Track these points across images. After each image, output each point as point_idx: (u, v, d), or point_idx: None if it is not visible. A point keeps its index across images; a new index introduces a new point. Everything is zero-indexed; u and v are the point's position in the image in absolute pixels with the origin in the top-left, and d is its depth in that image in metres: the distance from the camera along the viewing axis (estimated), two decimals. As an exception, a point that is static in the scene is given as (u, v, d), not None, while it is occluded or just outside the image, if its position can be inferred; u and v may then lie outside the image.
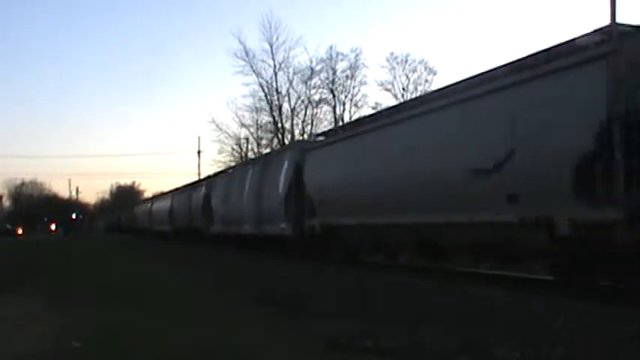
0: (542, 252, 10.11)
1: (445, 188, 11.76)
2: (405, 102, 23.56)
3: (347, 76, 48.10)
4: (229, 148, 52.41)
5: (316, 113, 49.16)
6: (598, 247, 8.90)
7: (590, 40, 9.52)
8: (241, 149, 51.92)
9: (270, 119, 49.29)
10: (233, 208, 26.12)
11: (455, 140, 11.70)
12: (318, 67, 47.69)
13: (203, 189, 33.49)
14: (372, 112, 32.32)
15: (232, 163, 46.86)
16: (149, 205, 57.21)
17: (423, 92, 46.54)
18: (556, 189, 9.27)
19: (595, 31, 9.49)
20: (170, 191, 48.51)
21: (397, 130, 14.20)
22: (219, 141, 52.15)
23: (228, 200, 27.20)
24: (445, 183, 11.77)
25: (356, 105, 48.63)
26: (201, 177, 46.34)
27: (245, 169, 27.00)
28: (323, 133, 22.40)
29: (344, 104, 48.57)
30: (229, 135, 51.63)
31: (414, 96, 46.37)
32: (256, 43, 63.62)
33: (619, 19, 10.05)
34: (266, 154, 32.01)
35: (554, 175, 9.27)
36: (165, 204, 46.32)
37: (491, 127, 10.79)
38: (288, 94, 48.48)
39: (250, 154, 49.52)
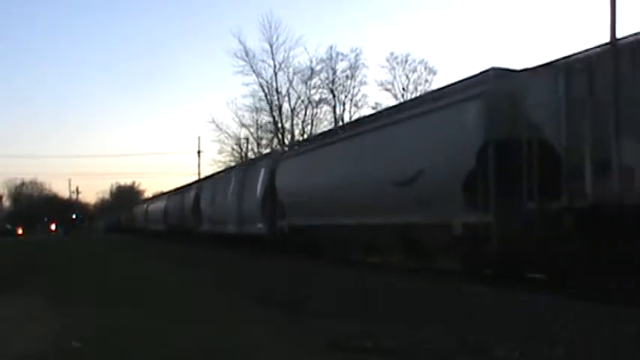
0: (446, 248, 12.36)
1: (379, 196, 14.10)
2: (350, 122, 27.58)
3: (347, 76, 48.11)
4: (229, 148, 52.42)
5: (316, 113, 49.20)
6: (481, 243, 11.18)
7: (473, 81, 12.34)
8: (241, 149, 51.91)
9: (270, 119, 49.30)
10: (219, 210, 28.40)
11: (383, 158, 14.20)
12: (318, 67, 47.71)
13: (193, 191, 35.98)
14: (371, 112, 34.12)
15: (232, 163, 46.86)
16: (146, 205, 59.59)
17: (422, 92, 46.60)
18: (452, 199, 11.61)
19: (478, 73, 12.25)
20: (164, 193, 51.16)
21: (343, 147, 16.87)
22: (219, 141, 52.16)
23: (214, 202, 29.45)
24: (378, 192, 14.10)
25: (356, 105, 48.67)
26: (201, 177, 47.04)
27: (229, 174, 29.47)
28: (292, 145, 25.73)
29: (344, 104, 48.61)
30: (229, 135, 51.64)
31: (414, 96, 46.43)
32: (256, 43, 63.54)
33: (619, 19, 10.16)
34: (246, 161, 34.18)
35: (450, 188, 11.60)
36: (160, 205, 49.05)
37: (407, 148, 13.29)
38: (288, 94, 48.52)
39: (250, 154, 49.48)
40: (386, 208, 13.70)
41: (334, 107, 48.66)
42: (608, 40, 9.77)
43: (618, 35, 9.68)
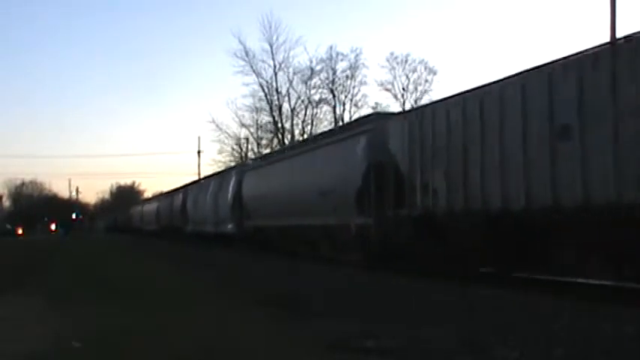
0: (349, 243, 16.69)
1: (309, 204, 18.58)
2: (290, 145, 34.08)
3: (347, 76, 48.19)
4: (229, 148, 52.50)
5: (316, 113, 49.26)
6: (367, 239, 15.62)
7: (364, 120, 19.68)
8: (241, 149, 51.95)
9: (270, 119, 49.33)
10: (200, 212, 32.96)
11: (311, 175, 19.04)
12: (318, 67, 47.81)
13: (181, 195, 40.18)
14: (370, 112, 33.78)
15: (232, 163, 46.93)
16: (141, 207, 64.44)
17: (422, 92, 46.60)
18: (350, 207, 16.13)
19: (367, 115, 19.47)
20: (157, 196, 57.68)
21: (286, 164, 22.28)
22: (219, 141, 52.24)
23: (197, 205, 33.95)
24: (309, 201, 18.63)
25: (356, 105, 48.76)
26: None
27: (209, 181, 34.82)
28: (255, 159, 32.88)
29: (344, 104, 48.71)
30: (229, 135, 51.70)
31: (414, 96, 46.49)
32: (256, 43, 63.50)
33: (619, 19, 10.32)
34: (221, 172, 38.41)
35: (350, 199, 16.08)
36: (153, 207, 54.12)
37: (324, 168, 18.27)
38: (288, 94, 48.59)
39: (250, 154, 49.54)
40: (314, 212, 18.20)
41: (334, 107, 48.76)
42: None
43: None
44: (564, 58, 10.16)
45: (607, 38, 10.17)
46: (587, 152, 9.35)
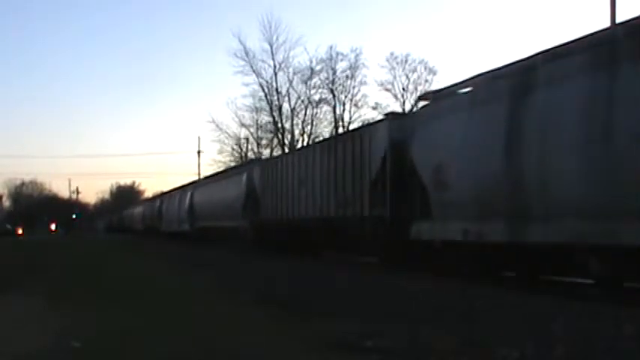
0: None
1: (232, 209, 28.06)
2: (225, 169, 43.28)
3: (347, 76, 48.17)
4: (229, 148, 52.58)
5: (316, 113, 49.27)
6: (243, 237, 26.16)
7: (252, 161, 34.11)
8: (241, 149, 52.01)
9: (270, 119, 49.35)
10: (170, 215, 44.73)
11: (231, 190, 28.87)
12: (318, 67, 47.82)
13: (158, 201, 53.12)
14: (370, 112, 33.79)
15: (232, 163, 47.01)
16: (132, 210, 74.26)
17: (422, 92, 46.54)
18: (238, 214, 27.17)
19: (249, 161, 36.37)
20: (143, 201, 70.81)
21: (214, 183, 34.30)
22: (219, 141, 52.34)
23: (168, 210, 45.80)
24: (223, 210, 29.57)
25: (356, 105, 48.76)
26: (201, 177, 47.95)
27: (176, 193, 45.62)
28: (204, 177, 45.05)
29: (344, 104, 48.72)
30: (229, 135, 51.78)
31: (414, 96, 46.43)
32: (256, 43, 63.61)
33: (619, 18, 10.39)
34: (183, 185, 46.94)
35: (237, 209, 27.53)
36: (140, 210, 65.18)
37: (226, 190, 29.86)
38: (288, 94, 48.60)
39: (250, 154, 49.61)
40: (228, 217, 28.56)
41: (334, 107, 48.76)
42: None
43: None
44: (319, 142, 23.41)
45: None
46: (308, 196, 20.17)
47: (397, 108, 44.84)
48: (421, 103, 16.00)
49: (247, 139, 51.55)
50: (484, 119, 11.75)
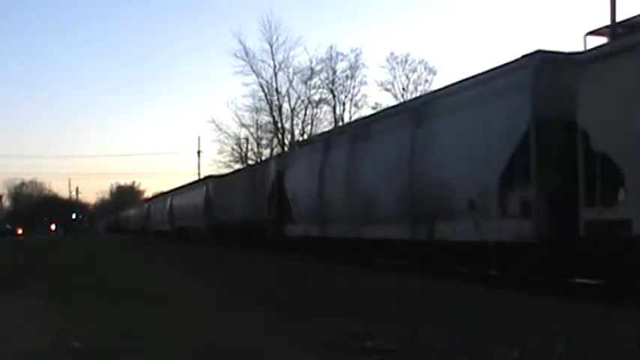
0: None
1: (197, 212, 36.30)
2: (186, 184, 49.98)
3: (347, 76, 48.04)
4: (229, 148, 52.46)
5: (316, 113, 49.18)
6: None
7: (209, 177, 40.41)
8: (241, 149, 51.92)
9: (270, 119, 49.26)
10: (156, 216, 53.82)
11: (196, 198, 37.10)
12: (318, 67, 47.70)
13: (147, 204, 63.07)
14: (370, 112, 34.04)
15: (232, 163, 47.04)
16: (127, 212, 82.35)
17: (422, 92, 46.56)
18: (200, 216, 36.30)
19: (209, 175, 41.02)
20: (134, 205, 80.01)
21: (186, 192, 42.58)
22: (219, 141, 52.17)
23: (155, 212, 54.87)
24: (196, 210, 36.78)
25: (356, 105, 48.66)
26: (201, 177, 48.33)
27: (160, 198, 56.30)
28: (180, 186, 50.11)
29: (344, 104, 48.64)
30: (229, 135, 51.66)
31: (414, 96, 46.40)
32: (256, 43, 63.37)
33: (618, 18, 10.39)
34: (165, 192, 55.99)
35: (199, 211, 36.99)
36: (133, 212, 74.67)
37: (199, 197, 36.93)
38: (288, 94, 48.53)
39: (250, 154, 49.60)
40: (194, 219, 35.52)
41: (334, 107, 48.64)
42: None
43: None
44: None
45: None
46: (239, 204, 28.34)
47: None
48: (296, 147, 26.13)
49: (247, 139, 51.57)
50: (310, 163, 20.07)
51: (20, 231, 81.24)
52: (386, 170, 15.09)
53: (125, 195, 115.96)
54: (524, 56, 11.11)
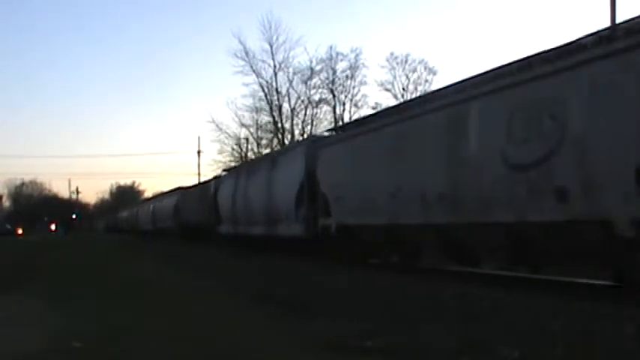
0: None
1: (169, 215, 44.02)
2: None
3: (347, 76, 48.16)
4: (229, 148, 52.65)
5: (316, 113, 49.29)
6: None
7: (178, 188, 46.14)
8: (241, 149, 52.03)
9: (270, 119, 49.37)
10: (143, 218, 59.78)
11: (169, 203, 44.75)
12: (318, 67, 47.85)
13: (136, 207, 72.29)
14: (370, 112, 34.53)
15: (232, 164, 47.00)
16: (121, 213, 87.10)
17: (422, 92, 46.58)
18: (171, 220, 44.32)
19: (179, 187, 46.27)
20: (126, 208, 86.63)
21: (165, 198, 49.03)
22: (219, 141, 52.39)
23: (142, 213, 61.35)
24: (169, 214, 43.87)
25: (356, 105, 48.77)
26: (201, 177, 48.80)
27: (146, 202, 65.57)
28: (162, 193, 58.52)
29: (344, 104, 48.76)
30: (229, 135, 51.85)
31: (414, 96, 46.40)
32: (256, 43, 63.70)
33: (618, 16, 10.51)
34: (149, 198, 68.29)
35: (171, 214, 45.39)
36: (126, 214, 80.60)
37: (172, 202, 44.11)
38: (288, 94, 48.65)
39: (250, 154, 49.63)
40: (167, 221, 44.53)
41: (334, 107, 48.78)
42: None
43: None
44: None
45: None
46: (199, 208, 35.63)
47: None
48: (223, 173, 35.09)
49: (247, 139, 51.73)
50: (228, 186, 28.74)
51: (20, 231, 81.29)
52: (256, 192, 23.91)
53: (125, 195, 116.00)
54: (300, 141, 26.23)
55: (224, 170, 36.72)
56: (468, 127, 11.58)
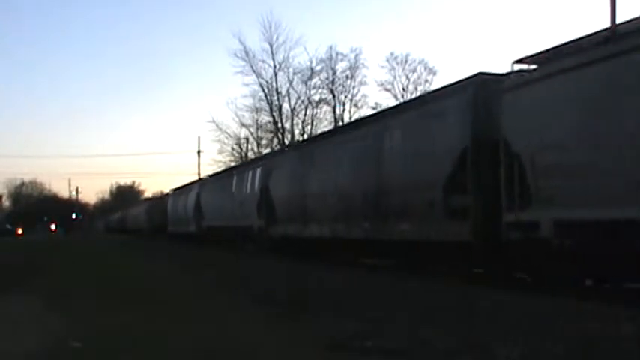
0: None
1: (162, 216, 49.88)
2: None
3: (347, 76, 48.13)
4: (229, 148, 52.71)
5: (316, 113, 49.29)
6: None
7: (167, 194, 56.01)
8: (241, 149, 52.04)
9: (270, 119, 49.37)
10: (134, 218, 67.63)
11: (162, 208, 51.18)
12: (318, 67, 47.83)
13: (126, 210, 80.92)
14: (370, 112, 34.13)
15: (232, 164, 47.02)
16: (117, 215, 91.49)
17: (422, 92, 46.60)
18: (162, 219, 50.08)
19: (166, 194, 57.27)
20: (120, 209, 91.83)
21: (153, 202, 61.39)
22: (219, 141, 52.45)
23: (130, 216, 71.47)
24: (162, 215, 49.85)
25: (356, 105, 48.77)
26: (201, 177, 48.57)
27: (138, 204, 74.27)
28: (150, 198, 70.28)
29: (344, 104, 48.76)
30: (229, 135, 51.90)
31: (414, 96, 46.42)
32: (256, 43, 63.50)
33: (618, 16, 10.59)
34: (133, 202, 78.46)
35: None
36: (119, 215, 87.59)
37: (162, 206, 51.53)
38: (288, 94, 48.65)
39: (250, 154, 49.60)
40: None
41: (334, 107, 48.76)
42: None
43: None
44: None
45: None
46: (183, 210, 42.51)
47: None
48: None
49: (247, 139, 51.75)
50: (210, 191, 34.55)
51: (20, 231, 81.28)
52: (240, 195, 26.97)
53: (125, 195, 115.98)
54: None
55: (211, 175, 40.54)
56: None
